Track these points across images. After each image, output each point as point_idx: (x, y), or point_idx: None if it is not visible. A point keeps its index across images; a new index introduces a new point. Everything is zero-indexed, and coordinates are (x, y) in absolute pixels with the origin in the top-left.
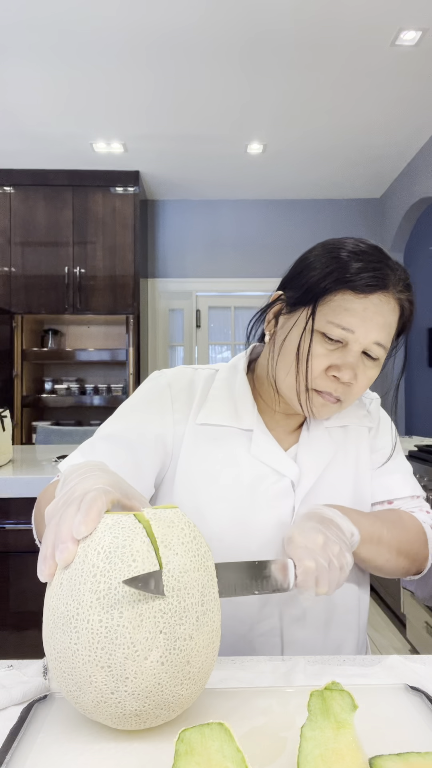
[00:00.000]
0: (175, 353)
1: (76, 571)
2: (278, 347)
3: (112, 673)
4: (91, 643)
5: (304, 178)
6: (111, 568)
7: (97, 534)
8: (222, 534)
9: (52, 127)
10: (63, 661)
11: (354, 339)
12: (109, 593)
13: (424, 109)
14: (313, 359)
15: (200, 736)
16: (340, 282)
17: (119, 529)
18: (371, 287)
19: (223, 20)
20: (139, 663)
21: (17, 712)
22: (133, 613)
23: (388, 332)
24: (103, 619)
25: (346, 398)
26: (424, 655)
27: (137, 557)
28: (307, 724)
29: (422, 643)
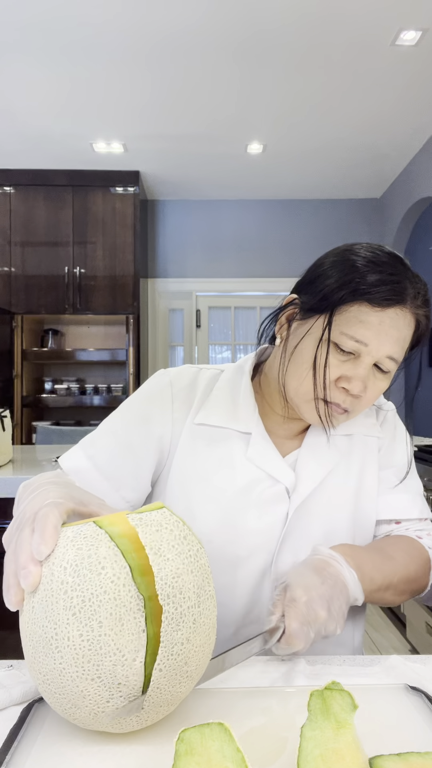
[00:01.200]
0: (175, 353)
1: (46, 592)
2: (290, 353)
3: (103, 683)
4: (76, 659)
5: (304, 178)
6: (81, 580)
7: (59, 550)
8: (211, 536)
9: (52, 127)
10: (52, 683)
11: (367, 351)
12: (84, 606)
13: (424, 109)
14: (324, 369)
15: (200, 736)
16: (357, 294)
17: (81, 539)
18: (389, 301)
19: (223, 20)
20: (128, 666)
21: (17, 712)
22: (113, 620)
23: (402, 346)
24: (83, 633)
25: (354, 409)
26: (424, 655)
27: (105, 564)
28: (307, 724)
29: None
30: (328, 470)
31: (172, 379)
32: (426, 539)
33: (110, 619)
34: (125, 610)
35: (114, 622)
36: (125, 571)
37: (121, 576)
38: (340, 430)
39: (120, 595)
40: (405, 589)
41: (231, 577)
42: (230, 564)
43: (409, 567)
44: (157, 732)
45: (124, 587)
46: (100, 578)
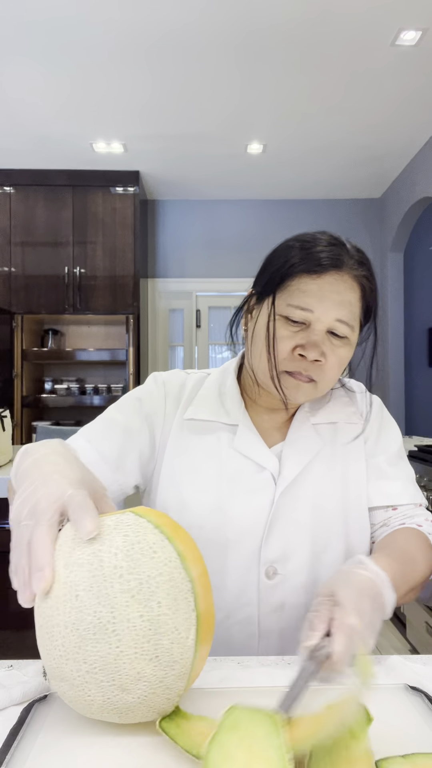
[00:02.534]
0: (175, 353)
1: (96, 578)
2: (250, 338)
3: (160, 662)
4: (136, 640)
5: (304, 178)
6: (135, 564)
7: (102, 537)
8: (202, 522)
9: (52, 127)
10: (102, 670)
11: (315, 318)
12: (142, 588)
13: (424, 109)
14: (279, 342)
15: (250, 718)
16: (294, 267)
17: (125, 527)
18: (323, 266)
19: (223, 20)
20: (182, 645)
21: (17, 712)
22: (170, 600)
23: (350, 309)
24: (143, 614)
25: (320, 378)
26: (424, 655)
27: (156, 548)
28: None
29: (422, 643)
30: (311, 456)
31: (165, 380)
32: (426, 525)
33: (167, 599)
34: (178, 591)
35: (171, 602)
36: (174, 555)
37: (173, 559)
38: (321, 418)
39: (174, 577)
40: (421, 587)
41: (221, 561)
42: (220, 548)
43: (427, 564)
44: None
45: (176, 569)
46: (154, 561)
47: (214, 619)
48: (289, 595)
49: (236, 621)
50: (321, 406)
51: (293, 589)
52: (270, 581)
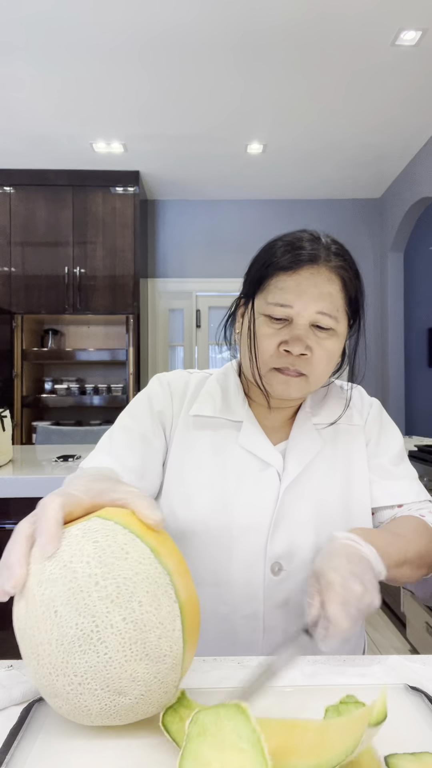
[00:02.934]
0: (175, 353)
1: (71, 591)
2: (239, 340)
3: (151, 660)
4: (123, 644)
5: (304, 178)
6: (109, 569)
7: (72, 547)
8: (206, 517)
9: (52, 127)
10: (93, 680)
11: (295, 313)
12: (121, 591)
13: (424, 109)
14: (264, 340)
15: (215, 716)
16: (271, 267)
17: (93, 533)
18: (298, 263)
19: (223, 20)
20: (170, 637)
21: (17, 712)
22: (150, 597)
23: (330, 301)
24: (126, 616)
25: (310, 371)
26: (424, 655)
27: (128, 549)
28: None
29: (422, 643)
30: (314, 453)
31: (169, 380)
32: (429, 516)
33: (148, 597)
34: (157, 586)
35: (151, 598)
36: (147, 552)
37: (146, 556)
38: (322, 419)
39: (150, 574)
40: (421, 563)
41: (227, 556)
42: (226, 544)
43: (420, 541)
44: (158, 731)
45: (151, 566)
46: (128, 562)
47: (198, 604)
48: (294, 592)
49: (242, 615)
50: (321, 407)
51: (298, 586)
52: (275, 577)
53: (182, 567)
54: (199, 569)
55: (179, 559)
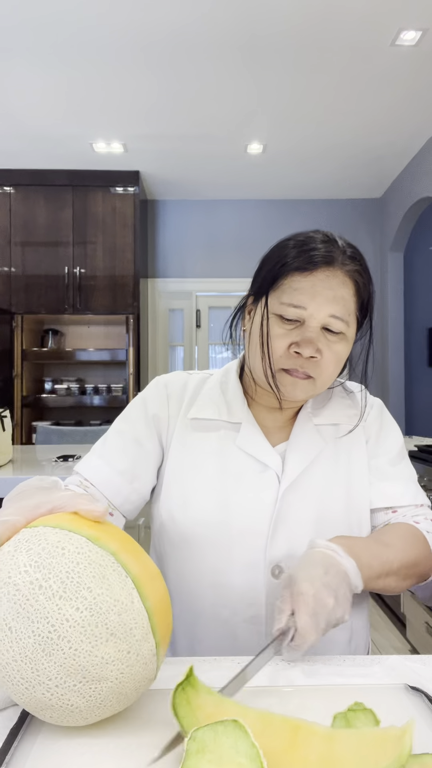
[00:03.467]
0: (175, 353)
1: (16, 604)
2: (248, 339)
3: (118, 638)
4: (85, 631)
5: (304, 178)
6: (49, 569)
7: (6, 564)
8: (205, 521)
9: (52, 127)
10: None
11: (308, 315)
12: (66, 585)
13: (424, 109)
14: (274, 340)
15: (213, 733)
16: (286, 266)
17: (24, 543)
18: (314, 264)
19: (224, 20)
20: (129, 609)
21: (17, 712)
22: (98, 580)
23: (343, 305)
24: (79, 606)
25: (318, 375)
26: (424, 655)
27: (63, 544)
28: None
29: (422, 643)
30: (314, 455)
31: (167, 382)
32: (423, 524)
33: (95, 580)
34: (103, 568)
35: (100, 581)
36: (84, 541)
37: (83, 544)
38: (323, 419)
39: (92, 559)
40: (408, 573)
41: (227, 559)
42: (225, 546)
43: (408, 552)
44: (159, 731)
45: (91, 551)
46: (65, 557)
47: (158, 575)
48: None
49: (243, 619)
50: (323, 407)
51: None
52: (277, 580)
53: (130, 546)
54: (198, 572)
55: (124, 539)
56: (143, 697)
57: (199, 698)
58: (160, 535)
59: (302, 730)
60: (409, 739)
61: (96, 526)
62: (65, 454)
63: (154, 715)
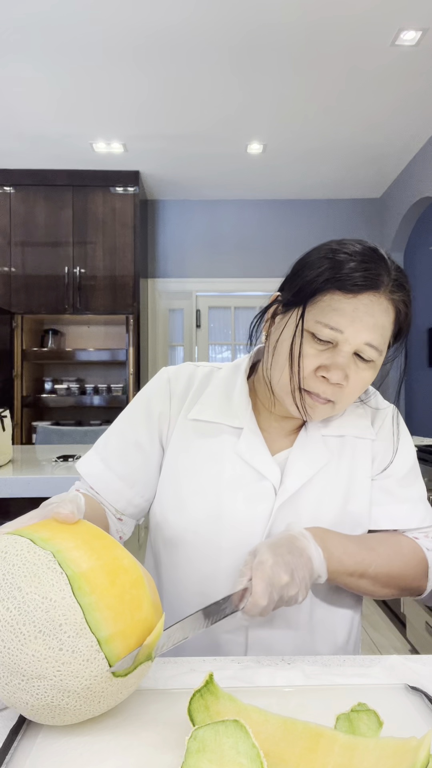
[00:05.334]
0: (175, 353)
1: None
2: (272, 347)
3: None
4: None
5: (304, 178)
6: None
7: None
8: (197, 526)
9: (52, 127)
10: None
11: (343, 339)
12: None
13: (424, 109)
14: (303, 359)
15: (214, 733)
16: (329, 282)
17: None
18: (360, 287)
19: (224, 20)
20: (59, 605)
21: (17, 712)
22: (29, 579)
23: (381, 334)
24: (9, 606)
25: (339, 400)
26: (424, 655)
27: (7, 550)
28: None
29: (422, 643)
30: (316, 470)
31: (171, 377)
32: (423, 540)
33: (27, 580)
34: (37, 567)
35: (31, 580)
36: (26, 543)
37: (24, 547)
38: (332, 430)
39: (28, 560)
40: (387, 582)
41: (214, 568)
42: (214, 555)
43: (393, 562)
44: (159, 731)
45: (29, 553)
46: (6, 560)
47: (126, 567)
48: (281, 610)
49: (225, 630)
50: (334, 417)
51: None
52: None
53: (95, 542)
54: (187, 577)
55: (88, 537)
56: (143, 697)
57: (219, 705)
58: (155, 534)
59: (324, 738)
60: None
61: (59, 526)
62: (65, 454)
63: (154, 715)
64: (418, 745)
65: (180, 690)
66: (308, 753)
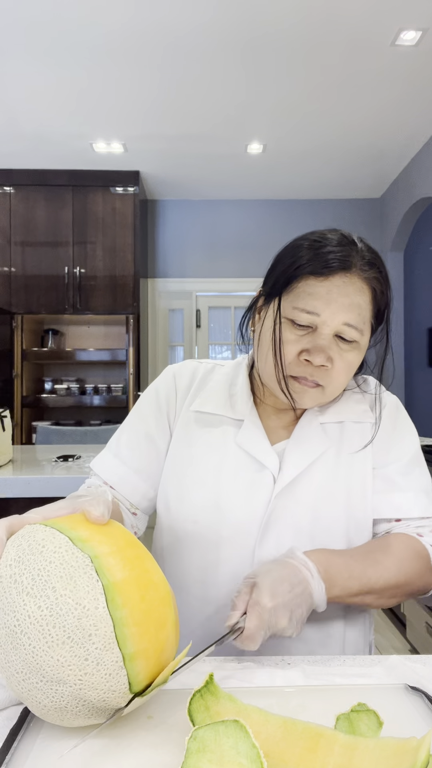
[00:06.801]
0: (175, 353)
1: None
2: (257, 340)
3: (75, 642)
4: (42, 631)
5: (304, 178)
6: (26, 565)
7: (2, 555)
8: (197, 516)
9: (52, 127)
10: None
11: (321, 322)
12: (35, 582)
13: (424, 109)
14: (284, 346)
15: (214, 733)
16: (301, 268)
17: (18, 539)
18: (331, 269)
19: (224, 20)
20: (91, 615)
21: (17, 712)
22: (65, 581)
23: (358, 313)
24: (41, 604)
25: (327, 383)
26: (424, 655)
27: (45, 543)
28: None
29: (422, 643)
30: (314, 458)
31: (176, 373)
32: (427, 537)
33: (62, 581)
34: (74, 569)
35: (66, 582)
36: (65, 541)
37: (62, 545)
38: (329, 417)
39: (66, 560)
40: (394, 593)
41: (215, 556)
42: (214, 543)
43: (400, 571)
44: (159, 731)
45: (67, 552)
46: (43, 555)
47: (156, 583)
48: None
49: (224, 617)
50: (331, 404)
51: None
52: None
53: (129, 551)
54: (187, 566)
55: (124, 544)
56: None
57: (219, 705)
58: (159, 524)
59: (324, 738)
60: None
61: (95, 528)
62: (65, 454)
63: (154, 714)
64: (418, 746)
65: (179, 690)
66: (308, 753)
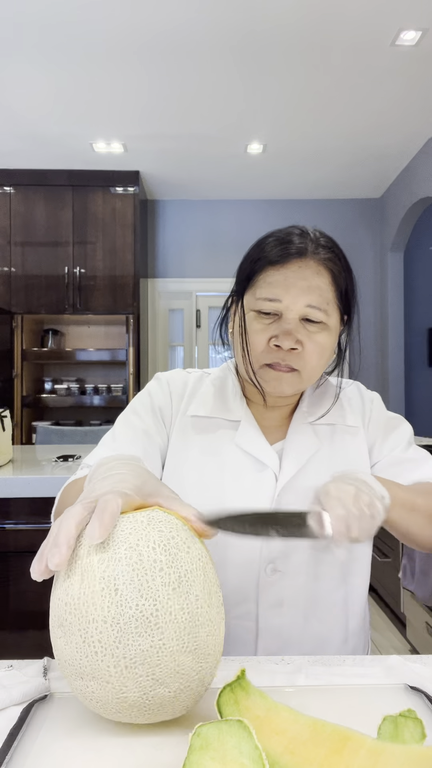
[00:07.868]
0: (175, 353)
1: (136, 571)
2: (231, 338)
3: (196, 656)
4: (178, 633)
5: (304, 178)
6: (173, 559)
7: (138, 532)
8: None
9: (52, 127)
10: (142, 665)
11: (284, 307)
12: (181, 581)
13: (424, 109)
14: (254, 335)
15: (217, 731)
16: (259, 262)
17: (157, 523)
18: (285, 256)
19: (224, 20)
20: (216, 637)
21: (17, 712)
22: (205, 594)
23: (319, 294)
24: (184, 606)
25: (302, 366)
26: (424, 655)
27: (189, 544)
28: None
29: (422, 643)
30: (311, 454)
31: (168, 379)
32: None
33: (203, 593)
34: (210, 585)
35: (206, 596)
36: (204, 552)
37: (203, 555)
38: (321, 419)
39: (206, 572)
40: None
41: (222, 556)
42: (220, 545)
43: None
44: (158, 731)
45: (207, 565)
46: (189, 556)
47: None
48: (289, 593)
49: (234, 616)
50: (317, 406)
51: (293, 587)
52: (270, 578)
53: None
54: None
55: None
56: None
57: (249, 700)
58: None
59: (351, 741)
60: None
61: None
62: (65, 454)
63: None
64: None
65: None
66: (333, 755)
